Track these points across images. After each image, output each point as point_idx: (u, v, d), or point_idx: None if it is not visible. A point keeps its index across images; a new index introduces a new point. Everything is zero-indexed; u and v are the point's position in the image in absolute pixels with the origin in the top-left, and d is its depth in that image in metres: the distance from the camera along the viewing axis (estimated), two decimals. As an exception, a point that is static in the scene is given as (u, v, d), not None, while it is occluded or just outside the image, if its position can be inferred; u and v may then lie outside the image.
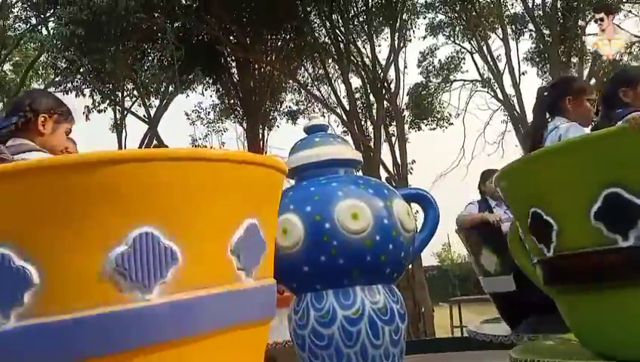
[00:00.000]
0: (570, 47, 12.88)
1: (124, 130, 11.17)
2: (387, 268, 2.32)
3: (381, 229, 2.15)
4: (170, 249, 1.02)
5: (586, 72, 12.37)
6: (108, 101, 10.22)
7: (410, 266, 8.18)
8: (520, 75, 12.52)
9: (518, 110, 12.09)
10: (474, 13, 13.27)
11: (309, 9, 12.57)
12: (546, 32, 12.90)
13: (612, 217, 1.46)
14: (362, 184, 2.44)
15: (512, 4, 14.02)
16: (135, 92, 11.41)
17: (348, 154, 2.67)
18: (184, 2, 10.42)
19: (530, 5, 12.89)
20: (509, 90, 12.46)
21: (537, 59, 13.67)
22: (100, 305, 0.97)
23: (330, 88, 13.10)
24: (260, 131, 12.66)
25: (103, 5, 8.42)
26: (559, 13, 13.05)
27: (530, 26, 13.42)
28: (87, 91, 9.82)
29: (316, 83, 13.72)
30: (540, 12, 12.96)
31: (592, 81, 13.67)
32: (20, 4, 11.27)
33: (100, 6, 8.41)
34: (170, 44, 9.64)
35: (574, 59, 12.83)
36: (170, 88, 11.10)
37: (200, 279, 1.07)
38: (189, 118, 13.61)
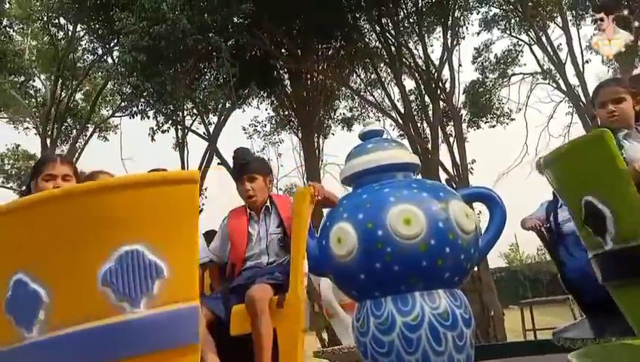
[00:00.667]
0: (639, 30, 12.10)
1: (185, 148, 11.63)
2: (446, 273, 2.28)
3: (436, 233, 2.11)
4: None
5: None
6: (170, 121, 10.69)
7: (476, 268, 7.94)
8: (583, 64, 11.92)
9: (584, 100, 11.49)
10: (530, 3, 12.78)
11: (357, 15, 12.59)
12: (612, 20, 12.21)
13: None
14: (416, 187, 2.41)
15: (571, -10, 13.40)
16: (194, 110, 11.86)
17: (404, 158, 2.65)
18: (236, 20, 10.73)
19: (592, -9, 12.26)
20: (573, 80, 11.89)
21: (602, 45, 12.95)
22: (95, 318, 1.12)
23: (383, 92, 13.05)
24: (316, 140, 12.78)
25: (162, 31, 8.83)
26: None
27: (592, 11, 12.75)
28: (150, 113, 10.33)
29: (369, 88, 13.70)
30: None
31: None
32: (87, 37, 12.06)
33: (159, 32, 8.83)
34: (226, 61, 9.95)
35: (643, 42, 12.04)
36: (227, 104, 11.45)
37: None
38: (246, 132, 14.00)
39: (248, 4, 9.70)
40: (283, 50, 12.22)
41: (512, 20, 13.40)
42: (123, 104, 9.55)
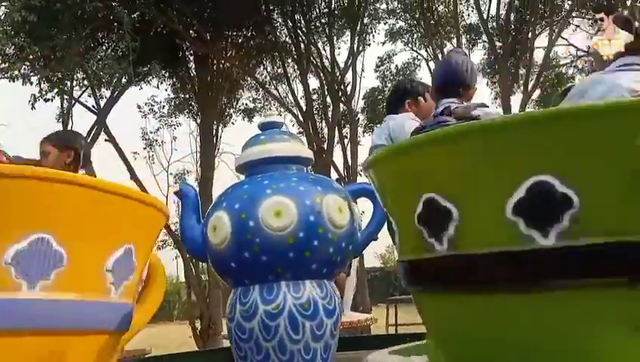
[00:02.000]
0: (519, 60, 13.43)
1: (70, 120, 10.91)
2: (313, 264, 2.42)
3: (306, 226, 2.24)
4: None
5: (531, 84, 12.92)
6: (56, 90, 9.97)
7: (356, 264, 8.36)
8: (471, 84, 12.95)
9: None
10: (432, 22, 13.66)
11: (271, 7, 12.62)
12: (498, 43, 13.41)
13: (534, 211, 1.37)
14: (296, 180, 2.52)
15: (469, 15, 14.53)
16: (85, 82, 11.16)
17: (297, 152, 2.74)
18: (143, -7, 10.27)
19: (485, 17, 13.36)
20: (461, 98, 12.87)
21: (488, 70, 14.18)
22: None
23: (288, 88, 13.20)
24: (215, 127, 12.61)
25: (57, -8, 8.23)
26: (512, 26, 13.60)
27: (484, 37, 13.92)
28: (34, 79, 9.54)
29: (274, 82, 13.79)
30: (494, 24, 13.46)
31: (537, 92, 14.31)
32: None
33: (54, -7, 8.22)
34: (127, 34, 9.48)
35: (522, 71, 13.40)
36: (124, 80, 10.91)
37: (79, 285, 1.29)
38: (141, 111, 13.41)
39: (158, -21, 9.34)
40: (191, 32, 11.90)
41: (415, 35, 14.22)
42: (3, 65, 8.73)
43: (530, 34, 12.88)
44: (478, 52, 16.26)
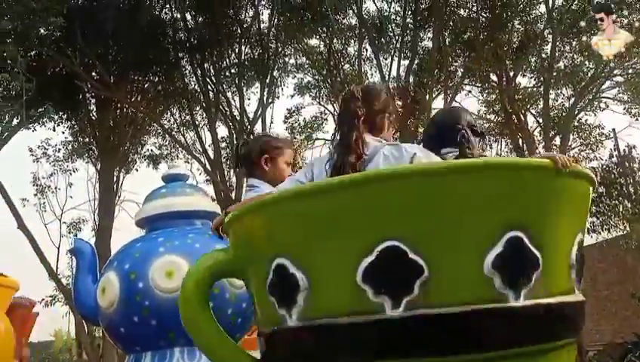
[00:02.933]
0: (418, 119, 14.40)
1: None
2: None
3: (201, 288, 2.20)
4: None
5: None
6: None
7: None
8: (374, 140, 13.62)
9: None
10: (339, 79, 14.30)
11: (180, 55, 12.57)
12: (399, 103, 14.32)
13: (385, 277, 1.18)
14: (192, 237, 2.45)
15: (372, 75, 15.42)
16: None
17: (200, 206, 2.66)
18: (42, 32, 9.80)
19: (387, 77, 14.25)
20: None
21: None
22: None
23: (195, 135, 13.03)
24: (116, 174, 12.04)
25: (-59, 25, 7.62)
26: (411, 87, 14.63)
27: (387, 96, 14.80)
28: None
29: (182, 128, 13.55)
30: (395, 84, 14.39)
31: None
32: None
33: (-63, 26, 7.60)
34: (20, 74, 8.93)
35: (421, 129, 14.34)
36: (15, 121, 10.18)
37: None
38: (33, 154, 12.52)
39: (59, 18, 8.98)
40: (94, 74, 11.47)
41: (322, 90, 14.78)
42: None
43: (427, 96, 13.90)
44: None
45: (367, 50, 14.54)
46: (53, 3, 8.83)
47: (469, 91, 17.15)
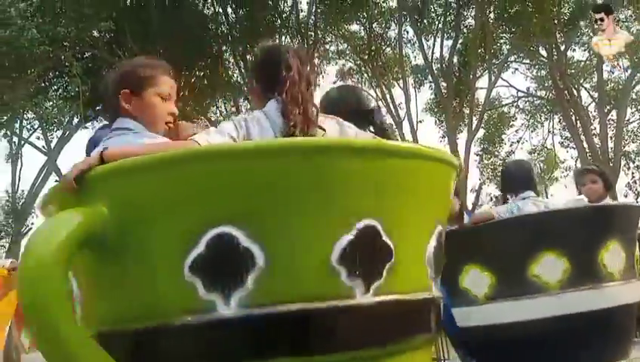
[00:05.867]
0: (463, 100, 14.20)
1: (20, 161, 10.77)
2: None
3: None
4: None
5: (475, 123, 13.63)
6: (4, 131, 9.88)
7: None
8: (417, 123, 13.61)
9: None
10: (380, 63, 14.29)
11: (224, 48, 12.95)
12: (443, 84, 14.15)
13: (215, 269, 1.02)
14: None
15: (415, 57, 15.29)
16: (36, 122, 11.11)
17: None
18: (96, 34, 10.40)
19: (430, 59, 14.10)
20: (408, 136, 13.46)
21: (435, 109, 14.90)
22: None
23: (241, 126, 13.40)
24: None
25: (6, 36, 8.25)
26: (455, 68, 14.41)
27: (430, 78, 14.66)
28: (-19, 121, 9.48)
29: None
30: (439, 65, 14.22)
31: (481, 131, 15.09)
32: None
33: (3, 37, 8.24)
34: (77, 76, 9.56)
35: (466, 110, 14.14)
36: (74, 121, 10.91)
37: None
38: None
39: (109, 22, 9.51)
40: (143, 72, 12.04)
41: (364, 76, 14.82)
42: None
43: (471, 76, 13.66)
44: (425, 92, 17.02)
45: (408, 32, 14.43)
46: (103, 8, 9.34)
47: (516, 69, 16.69)
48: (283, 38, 13.12)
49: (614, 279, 2.26)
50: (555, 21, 13.79)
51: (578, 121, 14.29)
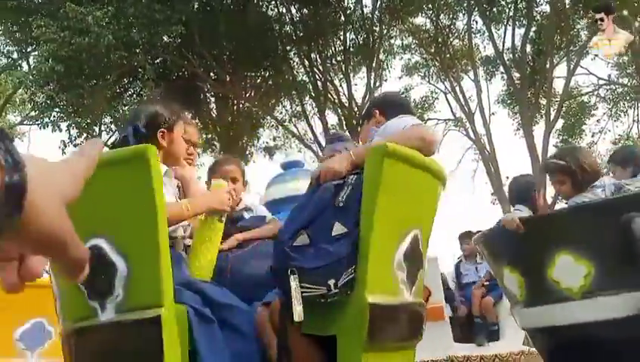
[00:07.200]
0: (538, 90, 13.41)
1: (100, 163, 11.21)
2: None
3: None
4: None
5: (553, 114, 12.84)
6: (85, 135, 10.35)
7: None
8: (490, 115, 12.99)
9: (489, 149, 12.47)
10: (448, 56, 13.80)
11: (288, 48, 12.97)
12: (516, 74, 13.44)
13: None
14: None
15: (485, 48, 14.64)
16: (113, 126, 11.55)
17: None
18: (166, 39, 10.69)
19: (501, 49, 13.45)
20: (481, 129, 12.89)
21: (508, 101, 14.18)
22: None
23: (307, 125, 13.40)
24: (237, 166, 12.79)
25: (84, 43, 8.62)
26: (528, 57, 13.65)
27: (502, 69, 13.97)
28: (63, 126, 9.93)
29: (294, 119, 14.02)
30: (510, 55, 13.52)
31: (561, 121, 14.19)
32: (2, 39, 11.45)
33: (81, 44, 8.61)
34: (150, 80, 9.84)
35: (543, 101, 13.35)
36: (148, 123, 11.24)
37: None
38: (165, 153, 13.68)
39: (179, 26, 9.72)
40: (211, 74, 12.27)
41: (432, 69, 14.36)
42: (33, 113, 9.11)
43: (547, 64, 12.89)
44: (497, 83, 16.27)
45: (477, 22, 13.85)
46: (174, 13, 9.55)
47: (596, 55, 15.61)
48: (347, 34, 12.96)
49: None
50: (636, 4, 12.75)
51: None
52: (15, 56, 11.14)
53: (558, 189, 2.41)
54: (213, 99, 13.08)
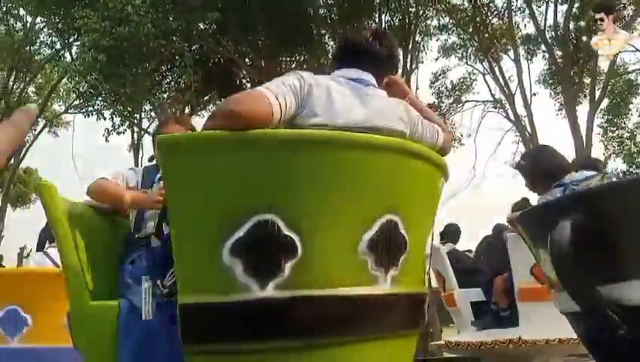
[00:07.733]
0: (582, 68, 12.93)
1: (141, 150, 11.49)
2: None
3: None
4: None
5: (598, 93, 12.38)
6: (127, 123, 10.60)
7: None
8: (531, 96, 12.62)
9: (530, 130, 12.14)
10: (486, 35, 13.43)
11: (323, 32, 12.87)
12: (558, 53, 12.99)
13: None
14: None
15: (525, 26, 14.18)
16: (152, 113, 11.79)
17: None
18: (202, 26, 10.78)
19: (542, 27, 13.00)
20: (521, 110, 12.55)
21: (550, 81, 13.73)
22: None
23: (343, 109, 13.30)
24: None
25: (125, 32, 8.77)
26: (571, 35, 13.15)
27: (543, 47, 13.52)
28: (107, 114, 10.21)
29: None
30: (552, 33, 13.06)
31: (606, 100, 13.67)
32: (45, 31, 11.80)
33: (122, 33, 8.77)
34: (188, 67, 9.96)
35: (587, 80, 12.87)
36: (187, 109, 11.42)
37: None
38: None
39: (215, 13, 9.78)
40: (247, 60, 12.33)
41: (469, 49, 14.02)
42: (77, 102, 9.40)
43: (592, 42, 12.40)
44: (538, 62, 15.75)
45: (516, 0, 13.41)
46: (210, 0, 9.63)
47: (644, 30, 14.91)
48: (383, 16, 12.76)
49: None
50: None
51: None
52: (58, 46, 11.47)
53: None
54: (249, 85, 13.14)
